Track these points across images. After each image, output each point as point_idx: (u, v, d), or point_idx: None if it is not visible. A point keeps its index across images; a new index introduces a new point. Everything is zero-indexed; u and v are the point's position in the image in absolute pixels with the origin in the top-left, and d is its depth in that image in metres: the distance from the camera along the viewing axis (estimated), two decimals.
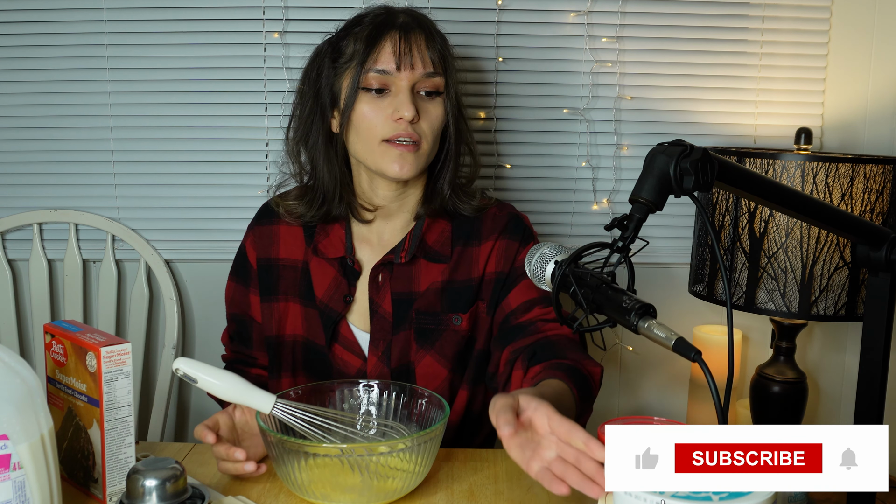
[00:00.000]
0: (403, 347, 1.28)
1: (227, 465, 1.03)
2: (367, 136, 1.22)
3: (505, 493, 1.04)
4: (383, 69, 1.19)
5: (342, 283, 1.29)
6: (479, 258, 1.30)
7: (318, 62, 1.27)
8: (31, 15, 1.70)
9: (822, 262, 1.41)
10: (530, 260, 1.02)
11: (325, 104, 1.26)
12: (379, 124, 1.20)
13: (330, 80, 1.25)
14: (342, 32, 1.26)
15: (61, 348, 0.99)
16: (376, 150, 1.21)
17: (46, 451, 0.82)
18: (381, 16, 1.23)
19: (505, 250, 1.30)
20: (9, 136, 1.75)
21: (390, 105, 1.20)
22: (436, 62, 1.22)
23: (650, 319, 0.82)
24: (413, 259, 1.28)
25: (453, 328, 1.29)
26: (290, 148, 1.32)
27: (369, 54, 1.19)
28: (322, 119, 1.27)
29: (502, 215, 1.33)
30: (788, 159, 1.41)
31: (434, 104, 1.23)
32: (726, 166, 0.88)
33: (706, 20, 1.72)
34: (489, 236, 1.30)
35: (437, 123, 1.24)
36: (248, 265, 1.35)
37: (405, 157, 1.20)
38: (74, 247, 1.77)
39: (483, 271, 1.30)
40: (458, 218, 1.32)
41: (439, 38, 1.25)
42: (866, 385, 1.02)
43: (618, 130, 1.74)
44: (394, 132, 1.20)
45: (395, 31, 1.20)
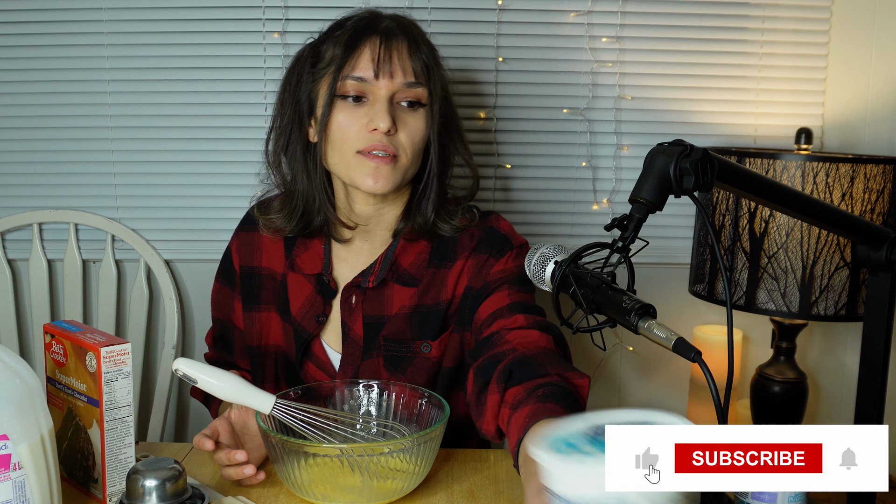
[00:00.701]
0: (373, 373, 1.23)
1: (230, 472, 1.02)
2: (341, 147, 1.15)
3: (505, 493, 1.04)
4: (360, 76, 1.13)
5: (317, 302, 1.25)
6: (448, 280, 1.23)
7: (298, 67, 1.21)
8: (31, 15, 1.70)
9: (823, 262, 1.41)
10: (530, 260, 1.02)
11: (303, 112, 1.20)
12: (353, 134, 1.14)
13: (308, 87, 1.19)
14: (324, 36, 1.20)
15: (61, 348, 0.99)
16: (351, 162, 1.15)
17: (46, 451, 0.82)
18: (364, 20, 1.17)
19: (475, 266, 1.23)
20: (9, 136, 1.75)
21: (366, 115, 1.13)
22: (418, 72, 1.15)
23: (650, 319, 0.82)
24: (383, 282, 1.23)
25: (423, 356, 1.23)
26: (271, 159, 1.25)
27: (347, 60, 1.13)
28: (300, 127, 1.21)
29: (478, 233, 1.25)
30: (788, 159, 1.41)
31: (414, 116, 1.16)
32: (726, 166, 0.88)
33: (706, 20, 1.72)
34: (461, 255, 1.23)
35: (417, 136, 1.16)
36: (232, 270, 1.32)
37: (380, 170, 1.13)
38: (74, 247, 1.77)
39: (452, 294, 1.23)
40: (438, 238, 1.25)
41: (425, 47, 1.18)
42: (866, 385, 1.02)
43: (618, 130, 1.74)
44: (368, 143, 1.13)
45: (377, 36, 1.14)
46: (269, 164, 1.26)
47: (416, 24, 1.21)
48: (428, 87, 1.16)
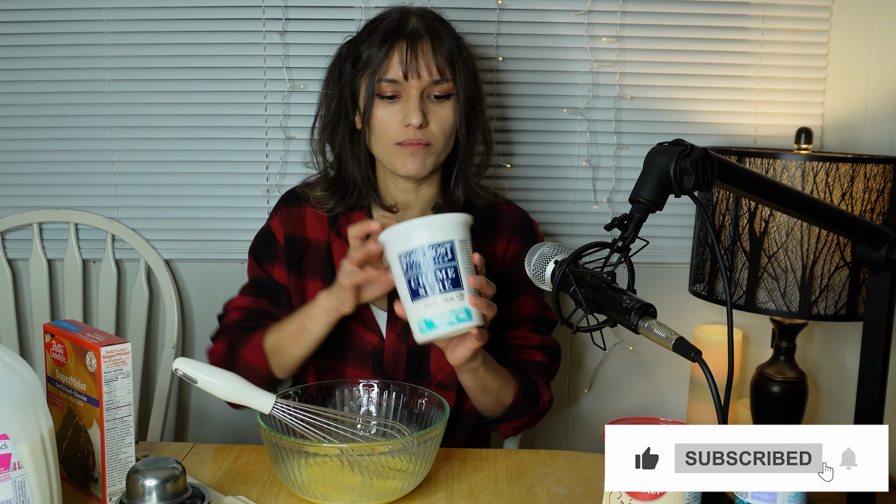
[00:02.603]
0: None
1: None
2: (382, 139, 1.28)
3: (505, 492, 1.04)
4: (392, 78, 1.25)
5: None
6: (495, 254, 1.35)
7: (340, 63, 1.33)
8: (31, 15, 1.70)
9: (823, 262, 1.41)
10: (530, 260, 1.02)
11: (348, 104, 1.32)
12: (392, 129, 1.26)
13: (350, 81, 1.31)
14: (362, 35, 1.31)
15: (61, 348, 0.99)
16: (391, 151, 1.28)
17: (46, 450, 0.82)
18: (393, 21, 1.28)
19: (514, 253, 1.35)
20: (9, 136, 1.75)
21: (401, 111, 1.25)
22: (443, 69, 1.26)
23: (650, 319, 0.82)
24: None
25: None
26: (317, 147, 1.38)
27: (380, 64, 1.25)
28: (346, 117, 1.33)
29: (517, 214, 1.39)
30: (788, 159, 1.41)
31: (443, 107, 1.28)
32: (726, 166, 0.88)
33: (706, 20, 1.72)
34: (504, 233, 1.36)
35: (447, 125, 1.28)
36: (274, 242, 1.35)
37: (416, 156, 1.26)
38: (74, 246, 1.77)
39: (500, 268, 1.35)
40: (473, 212, 1.32)
41: (448, 42, 1.28)
42: (866, 385, 1.02)
43: (618, 130, 1.74)
44: (404, 137, 1.26)
45: (403, 40, 1.25)
46: (313, 150, 1.38)
47: (440, 19, 1.32)
48: (453, 79, 1.28)
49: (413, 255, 1.02)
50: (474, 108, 1.34)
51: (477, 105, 1.35)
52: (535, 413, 1.29)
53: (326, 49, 1.37)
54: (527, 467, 1.12)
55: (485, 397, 1.23)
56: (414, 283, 1.02)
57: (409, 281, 1.03)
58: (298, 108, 1.72)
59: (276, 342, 1.24)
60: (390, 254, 1.05)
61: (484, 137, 1.39)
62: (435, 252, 1.01)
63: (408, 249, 1.03)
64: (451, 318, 1.02)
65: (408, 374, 1.29)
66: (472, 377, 1.19)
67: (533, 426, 1.32)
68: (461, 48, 1.31)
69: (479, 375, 1.18)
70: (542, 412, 1.31)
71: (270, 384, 1.25)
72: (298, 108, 1.72)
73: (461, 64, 1.28)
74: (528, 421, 1.29)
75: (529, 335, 1.35)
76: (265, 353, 1.24)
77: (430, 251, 1.02)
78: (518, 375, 1.27)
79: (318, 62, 1.68)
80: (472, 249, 1.07)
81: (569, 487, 1.06)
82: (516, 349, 1.33)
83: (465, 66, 1.29)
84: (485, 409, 1.27)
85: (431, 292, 1.02)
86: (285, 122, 1.73)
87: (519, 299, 1.35)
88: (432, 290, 1.02)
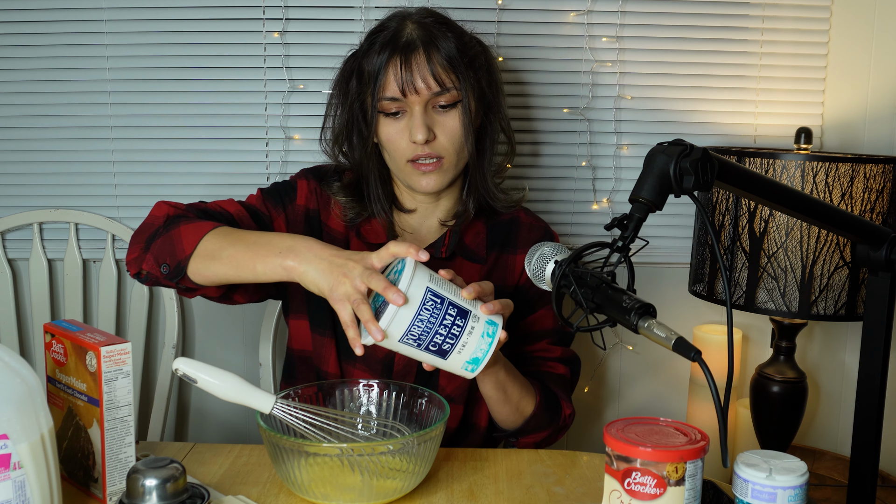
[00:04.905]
0: None
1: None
2: (394, 156, 1.25)
3: (505, 492, 1.04)
4: (392, 97, 1.20)
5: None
6: (514, 266, 1.33)
7: (346, 78, 1.28)
8: (31, 15, 1.70)
9: (822, 262, 1.41)
10: (530, 260, 1.02)
11: (360, 120, 1.27)
12: (402, 147, 1.22)
13: (360, 98, 1.26)
14: (364, 47, 1.25)
15: (61, 348, 0.99)
16: (403, 169, 1.25)
17: (46, 450, 0.82)
18: (389, 32, 1.22)
19: None
20: (9, 136, 1.75)
21: (407, 126, 1.21)
22: (442, 78, 1.19)
23: (650, 319, 0.82)
24: (452, 256, 1.31)
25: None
26: (331, 153, 1.33)
27: (379, 82, 1.21)
28: (360, 134, 1.28)
29: (538, 227, 1.37)
30: (788, 159, 1.41)
31: (450, 116, 1.22)
32: (726, 166, 0.88)
33: (706, 20, 1.72)
34: (524, 247, 1.31)
35: (456, 134, 1.23)
36: (292, 196, 1.30)
37: (429, 175, 1.23)
38: (74, 246, 1.77)
39: (518, 280, 1.33)
40: (492, 220, 1.34)
41: (447, 47, 1.20)
42: (866, 385, 1.02)
43: (618, 130, 1.75)
44: (414, 153, 1.22)
45: (398, 55, 1.19)
46: (329, 154, 1.34)
47: (440, 21, 1.24)
48: (457, 86, 1.21)
49: (413, 329, 0.98)
50: (490, 108, 1.29)
51: (492, 104, 1.29)
52: (555, 427, 1.26)
53: (326, 49, 1.38)
54: (527, 467, 1.12)
55: (505, 406, 1.20)
56: (434, 346, 0.99)
57: (429, 348, 0.99)
58: (298, 108, 1.72)
59: (216, 249, 1.08)
60: (393, 343, 1.00)
61: (506, 136, 1.34)
62: (427, 312, 0.97)
63: (406, 328, 0.97)
64: (485, 342, 1.00)
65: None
66: (494, 382, 1.16)
67: (553, 441, 1.29)
68: (466, 49, 1.23)
69: (500, 380, 1.16)
70: (564, 427, 1.28)
71: (178, 272, 1.11)
72: (298, 108, 1.72)
73: (465, 67, 1.21)
74: (549, 435, 1.26)
75: (551, 347, 1.33)
76: (196, 246, 1.09)
77: (424, 314, 0.97)
78: (539, 386, 1.25)
79: (318, 62, 1.70)
80: (435, 273, 1.01)
81: (569, 487, 1.06)
82: (538, 362, 1.32)
83: (472, 67, 1.23)
84: (504, 420, 1.23)
85: (455, 340, 0.99)
86: (285, 122, 1.73)
87: (538, 313, 1.34)
88: (454, 338, 0.99)
